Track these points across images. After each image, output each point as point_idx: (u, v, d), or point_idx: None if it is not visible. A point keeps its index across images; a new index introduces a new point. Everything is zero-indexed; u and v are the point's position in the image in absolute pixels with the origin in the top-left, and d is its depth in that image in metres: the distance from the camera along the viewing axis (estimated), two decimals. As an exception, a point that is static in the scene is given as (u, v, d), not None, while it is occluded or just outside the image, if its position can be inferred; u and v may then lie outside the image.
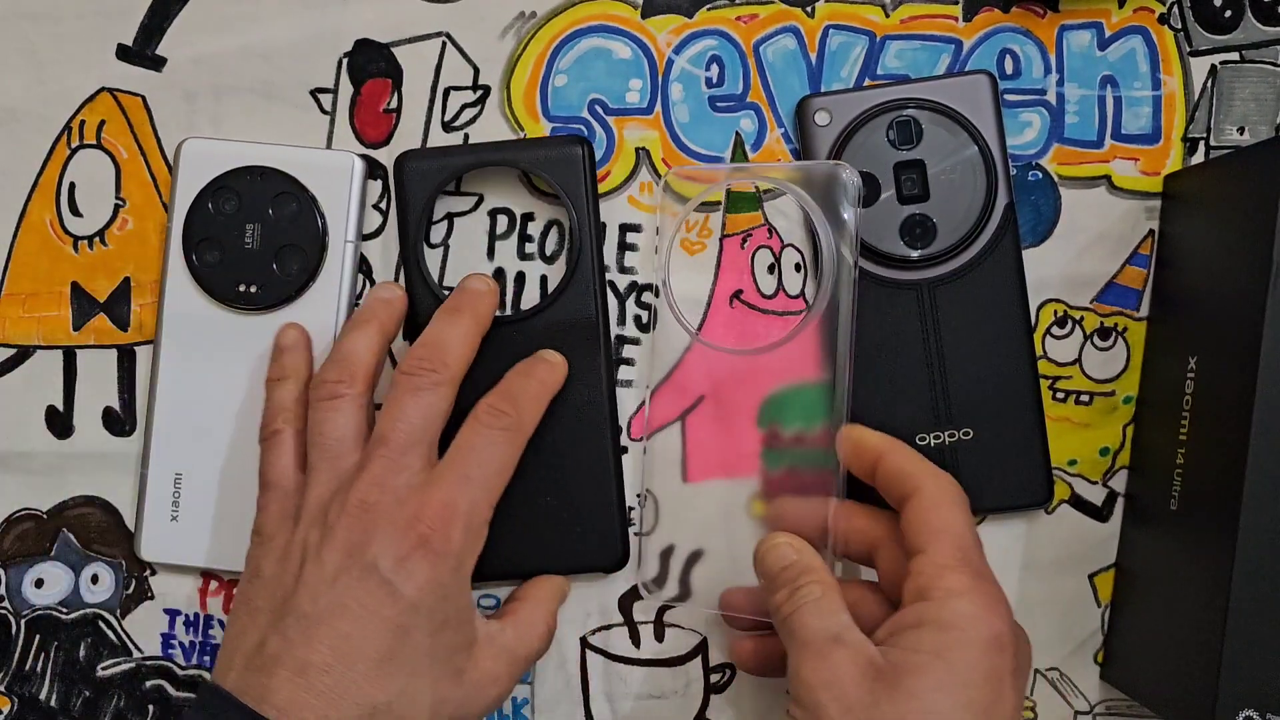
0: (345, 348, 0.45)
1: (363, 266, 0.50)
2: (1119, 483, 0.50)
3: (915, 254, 0.48)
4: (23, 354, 0.51)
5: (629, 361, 0.50)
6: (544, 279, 0.49)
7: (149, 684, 0.51)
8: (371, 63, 0.50)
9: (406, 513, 0.41)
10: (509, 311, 0.49)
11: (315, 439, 0.44)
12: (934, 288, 0.48)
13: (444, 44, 0.50)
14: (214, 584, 0.51)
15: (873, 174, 0.48)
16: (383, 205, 0.50)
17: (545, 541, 0.48)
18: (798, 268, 0.50)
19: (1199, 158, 0.50)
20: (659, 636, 0.50)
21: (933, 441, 0.48)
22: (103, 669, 0.51)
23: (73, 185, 0.50)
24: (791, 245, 0.50)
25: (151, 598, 0.51)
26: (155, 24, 0.50)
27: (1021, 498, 0.49)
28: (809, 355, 0.50)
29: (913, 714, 0.39)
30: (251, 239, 0.48)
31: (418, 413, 0.43)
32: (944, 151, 0.48)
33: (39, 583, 0.51)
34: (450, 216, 0.50)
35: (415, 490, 0.42)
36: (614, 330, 0.50)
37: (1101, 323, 0.50)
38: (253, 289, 0.48)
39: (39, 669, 0.51)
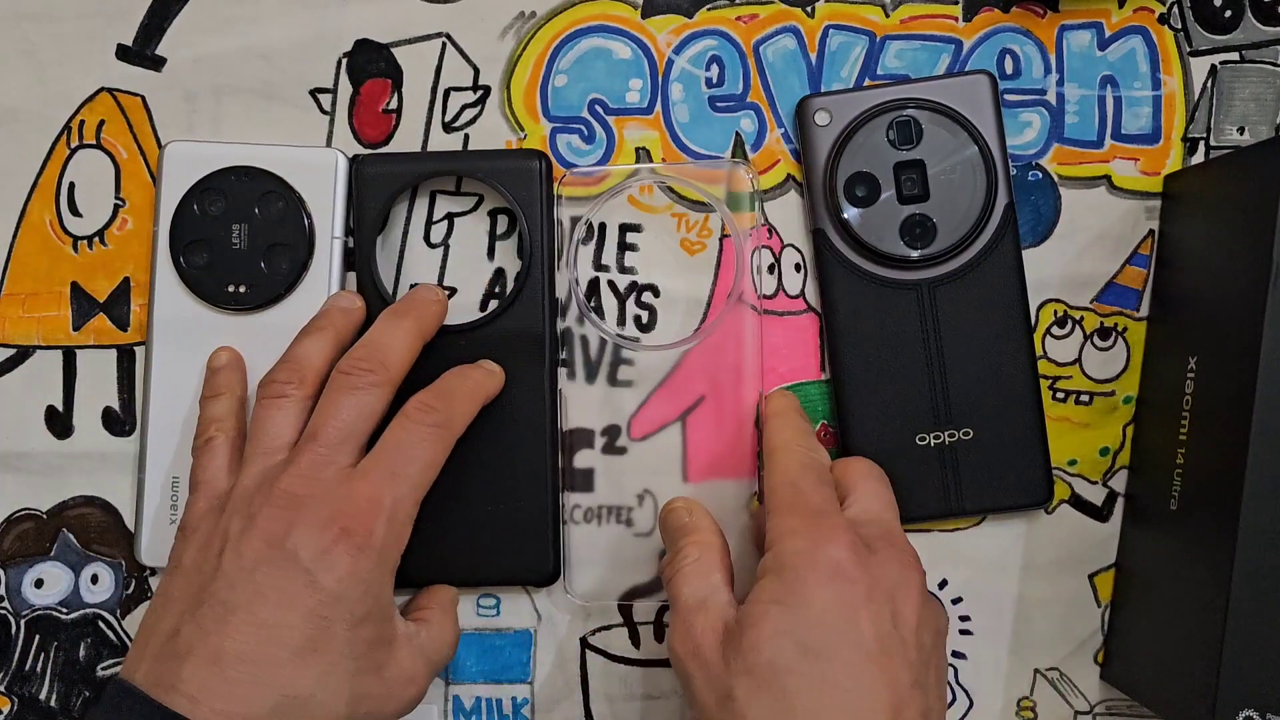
0: (297, 350, 0.45)
1: (350, 262, 0.50)
2: (1119, 483, 0.50)
3: (915, 254, 0.48)
4: (22, 354, 0.51)
5: (628, 362, 0.50)
6: (544, 279, 0.49)
7: (149, 684, 0.51)
8: (371, 63, 0.50)
9: (330, 505, 0.41)
10: (459, 321, 0.48)
11: (254, 435, 0.44)
12: (934, 288, 0.48)
13: (444, 44, 0.50)
14: (214, 584, 0.51)
15: (873, 174, 0.48)
16: (382, 205, 0.50)
17: (478, 551, 0.48)
18: (798, 268, 0.50)
19: (1199, 158, 0.50)
20: (659, 637, 0.50)
21: (933, 441, 0.48)
22: (103, 669, 0.51)
23: (72, 185, 0.50)
24: (791, 245, 0.50)
25: (151, 598, 0.51)
26: (155, 24, 0.50)
27: (1021, 498, 0.49)
28: (810, 353, 0.50)
29: (758, 668, 0.38)
30: (239, 239, 0.48)
31: (351, 411, 0.43)
32: (944, 151, 0.48)
33: (39, 583, 0.51)
34: (450, 216, 0.50)
35: (340, 483, 0.42)
36: (614, 330, 0.50)
37: (1101, 323, 0.50)
38: (242, 289, 0.48)
39: (39, 669, 0.51)
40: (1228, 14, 0.50)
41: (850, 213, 0.48)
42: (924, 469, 0.48)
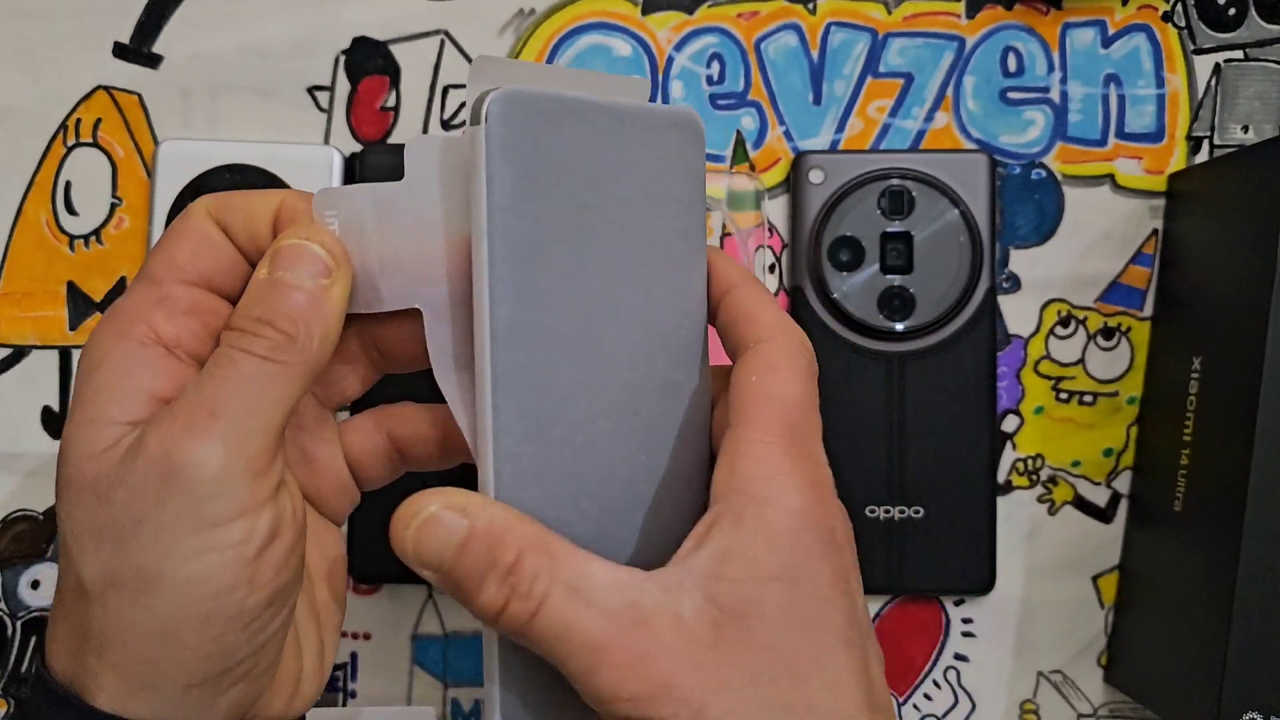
0: None
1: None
2: (1123, 484, 0.50)
3: (890, 326, 0.47)
4: (18, 354, 0.50)
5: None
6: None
7: (145, 686, 0.50)
8: (369, 60, 0.50)
9: None
10: None
11: None
12: (905, 361, 0.47)
13: (442, 41, 0.50)
14: (211, 586, 0.50)
15: (859, 240, 0.47)
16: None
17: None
18: (799, 267, 0.49)
19: (1203, 156, 0.49)
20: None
21: (882, 515, 0.47)
22: (99, 671, 0.51)
23: (69, 184, 0.50)
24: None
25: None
26: (152, 21, 0.50)
27: (963, 584, 0.48)
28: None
29: None
30: None
31: None
32: (933, 227, 0.47)
33: (35, 584, 0.50)
34: (449, 215, 0.49)
35: None
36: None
37: (1105, 323, 0.49)
38: None
39: (34, 671, 0.50)
40: (1231, 12, 0.49)
41: (831, 276, 0.47)
42: (869, 542, 0.47)
